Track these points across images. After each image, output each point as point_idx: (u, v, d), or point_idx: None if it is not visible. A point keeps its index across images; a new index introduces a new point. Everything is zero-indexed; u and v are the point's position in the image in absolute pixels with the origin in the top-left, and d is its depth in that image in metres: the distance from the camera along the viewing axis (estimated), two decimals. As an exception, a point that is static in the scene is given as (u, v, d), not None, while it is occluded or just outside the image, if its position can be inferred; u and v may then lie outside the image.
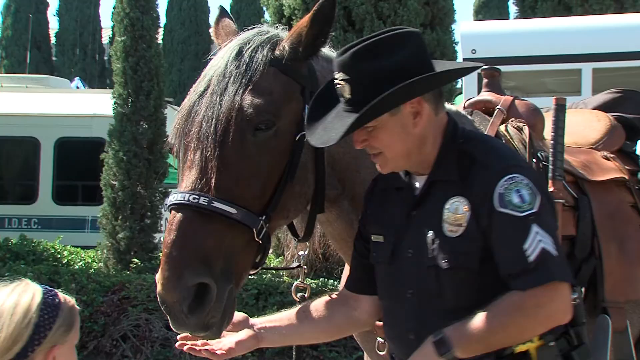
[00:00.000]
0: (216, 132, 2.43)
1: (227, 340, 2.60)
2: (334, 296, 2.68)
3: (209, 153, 2.44)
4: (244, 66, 2.51)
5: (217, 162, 2.42)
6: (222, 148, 2.44)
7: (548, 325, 2.23)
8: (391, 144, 2.37)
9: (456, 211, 2.32)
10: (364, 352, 3.18)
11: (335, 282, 8.02)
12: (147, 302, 9.01)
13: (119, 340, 8.71)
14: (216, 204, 2.39)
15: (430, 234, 2.36)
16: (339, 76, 2.32)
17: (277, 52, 2.58)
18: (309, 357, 8.29)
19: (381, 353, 2.76)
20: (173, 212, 2.43)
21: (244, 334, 2.63)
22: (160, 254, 2.50)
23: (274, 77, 2.53)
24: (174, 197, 2.44)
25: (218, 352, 2.59)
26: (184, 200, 2.41)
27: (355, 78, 2.29)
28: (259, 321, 2.68)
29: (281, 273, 8.86)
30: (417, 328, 2.47)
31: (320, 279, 8.59)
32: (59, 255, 10.60)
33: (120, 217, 9.99)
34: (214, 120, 2.44)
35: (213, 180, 2.42)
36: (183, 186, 2.47)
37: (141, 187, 10.02)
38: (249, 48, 2.56)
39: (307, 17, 2.55)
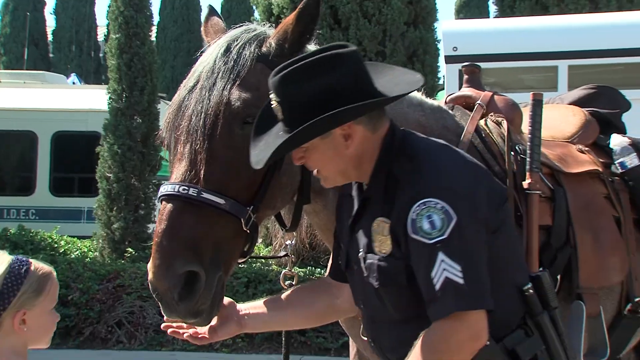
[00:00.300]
0: (205, 126, 2.42)
1: (210, 325, 2.59)
2: (317, 284, 2.68)
3: (198, 146, 2.43)
4: (232, 62, 2.50)
5: (206, 154, 2.42)
6: (210, 141, 2.43)
7: (464, 354, 2.12)
8: (325, 165, 2.31)
9: (382, 232, 2.25)
10: (350, 338, 3.19)
11: (322, 271, 8.03)
12: (141, 290, 9.01)
13: (114, 327, 8.70)
14: (205, 195, 2.38)
15: (362, 252, 2.33)
16: (272, 97, 2.24)
17: (264, 49, 2.56)
18: (297, 343, 8.32)
19: (365, 338, 2.76)
20: (164, 202, 2.42)
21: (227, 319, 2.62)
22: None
23: (261, 73, 2.51)
24: (165, 189, 2.43)
25: (200, 336, 2.60)
26: (174, 192, 2.40)
27: (284, 101, 2.20)
28: (244, 307, 2.67)
29: (270, 262, 8.87)
30: (372, 335, 2.49)
31: (308, 268, 8.61)
32: (56, 245, 10.59)
33: (115, 208, 9.99)
34: (202, 114, 2.43)
35: (202, 172, 2.41)
36: (173, 178, 2.46)
37: (135, 179, 10.02)
38: (236, 45, 2.55)
39: (292, 15, 2.54)
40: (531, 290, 2.30)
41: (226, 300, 2.62)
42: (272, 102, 2.24)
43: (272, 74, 2.23)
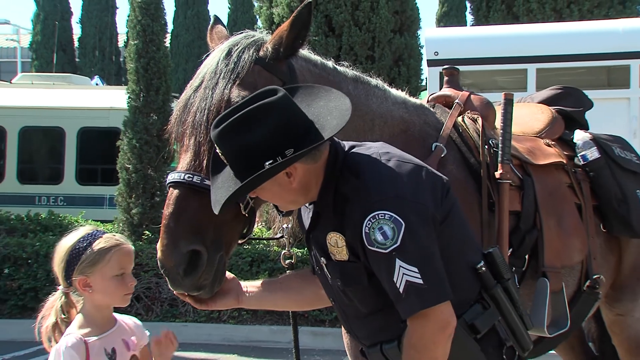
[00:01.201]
0: (208, 120, 2.40)
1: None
2: (307, 273, 2.65)
3: (202, 138, 2.43)
4: (232, 64, 2.48)
5: (209, 146, 2.40)
6: None
7: (440, 343, 2.09)
8: (274, 199, 2.29)
9: (336, 244, 2.21)
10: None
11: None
12: (157, 268, 8.98)
13: (133, 300, 8.69)
14: (207, 182, 2.36)
15: (322, 259, 2.30)
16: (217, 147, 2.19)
17: (261, 53, 2.54)
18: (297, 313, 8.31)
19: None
20: (171, 188, 2.42)
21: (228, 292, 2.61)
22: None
23: (258, 74, 2.50)
24: (172, 176, 2.43)
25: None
26: (180, 179, 2.40)
27: (226, 154, 2.14)
28: (245, 284, 2.66)
29: (271, 243, 8.86)
30: (346, 326, 2.48)
31: (305, 248, 8.60)
32: (77, 228, 10.56)
33: (133, 195, 9.97)
34: (206, 110, 2.42)
35: (205, 162, 2.40)
36: (180, 167, 2.45)
37: (151, 170, 10.00)
38: (237, 49, 2.53)
39: (287, 22, 2.52)
40: (484, 268, 2.25)
41: (230, 276, 2.61)
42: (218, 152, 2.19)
43: (214, 123, 2.15)
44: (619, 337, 3.74)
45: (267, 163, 2.08)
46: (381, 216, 2.07)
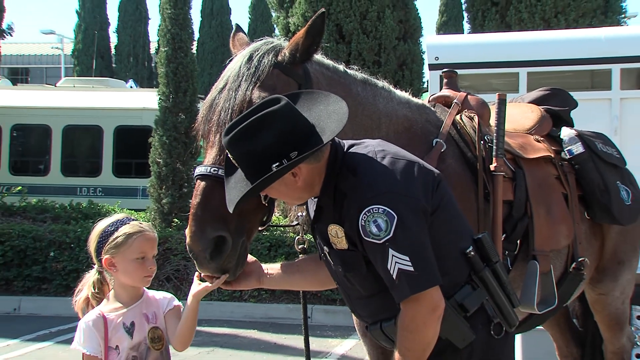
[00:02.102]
0: (231, 119, 2.39)
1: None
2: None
3: None
4: (254, 68, 2.47)
5: None
6: None
7: (431, 324, 2.09)
8: (282, 196, 2.29)
9: (336, 235, 2.21)
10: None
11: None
12: (185, 252, 9.00)
13: (164, 281, 8.75)
14: None
15: (325, 248, 2.31)
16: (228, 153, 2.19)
17: (279, 58, 2.53)
18: (309, 295, 8.32)
19: None
20: (198, 180, 2.41)
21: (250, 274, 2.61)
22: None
23: (277, 77, 2.49)
24: (199, 170, 2.42)
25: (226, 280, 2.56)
26: (206, 172, 2.39)
27: (236, 158, 2.15)
28: (265, 267, 2.66)
29: (287, 230, 8.87)
30: (350, 306, 2.48)
31: (317, 234, 8.61)
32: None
33: (164, 187, 10.01)
34: (229, 110, 2.40)
35: None
36: (206, 161, 2.44)
37: (180, 164, 10.04)
38: (257, 54, 2.51)
39: (302, 30, 2.51)
40: (472, 253, 2.23)
41: (251, 259, 2.61)
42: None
43: (223, 134, 2.17)
44: (600, 314, 3.74)
45: (274, 166, 2.08)
46: (375, 210, 2.08)
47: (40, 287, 9.31)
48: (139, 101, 14.20)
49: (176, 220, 9.83)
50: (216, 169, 2.38)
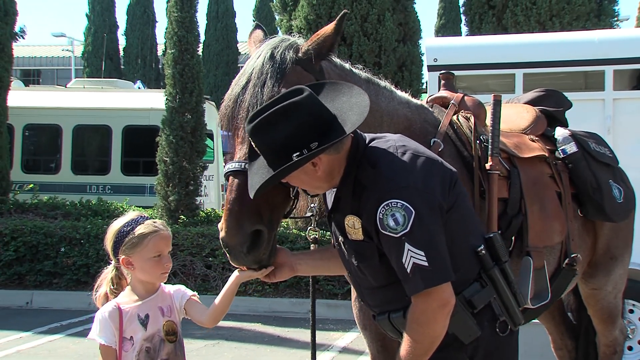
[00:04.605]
0: None
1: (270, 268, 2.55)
2: None
3: None
4: (277, 65, 2.43)
5: None
6: None
7: (440, 318, 2.09)
8: (302, 184, 2.28)
9: (353, 226, 2.20)
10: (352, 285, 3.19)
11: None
12: (191, 248, 9.05)
13: (170, 276, 8.69)
14: None
15: (341, 238, 2.30)
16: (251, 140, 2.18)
17: (300, 54, 2.49)
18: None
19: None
20: (231, 177, 2.36)
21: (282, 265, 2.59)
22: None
23: (300, 74, 2.45)
24: (231, 166, 2.38)
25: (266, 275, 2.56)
26: (239, 168, 2.34)
27: (259, 146, 2.14)
28: (297, 254, 2.65)
29: (290, 226, 8.87)
30: (359, 295, 2.48)
31: (324, 228, 8.59)
32: (126, 213, 10.63)
33: (170, 184, 10.01)
34: (257, 106, 2.34)
35: None
36: (237, 157, 2.40)
37: (186, 163, 10.05)
38: (278, 51, 2.47)
39: (330, 28, 2.48)
40: (483, 251, 2.24)
41: (280, 248, 2.59)
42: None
43: (247, 121, 2.15)
44: (593, 308, 3.74)
45: (294, 155, 2.08)
46: (394, 204, 2.07)
47: (51, 282, 9.34)
48: (147, 101, 14.19)
49: (182, 217, 9.84)
50: (248, 164, 2.33)
